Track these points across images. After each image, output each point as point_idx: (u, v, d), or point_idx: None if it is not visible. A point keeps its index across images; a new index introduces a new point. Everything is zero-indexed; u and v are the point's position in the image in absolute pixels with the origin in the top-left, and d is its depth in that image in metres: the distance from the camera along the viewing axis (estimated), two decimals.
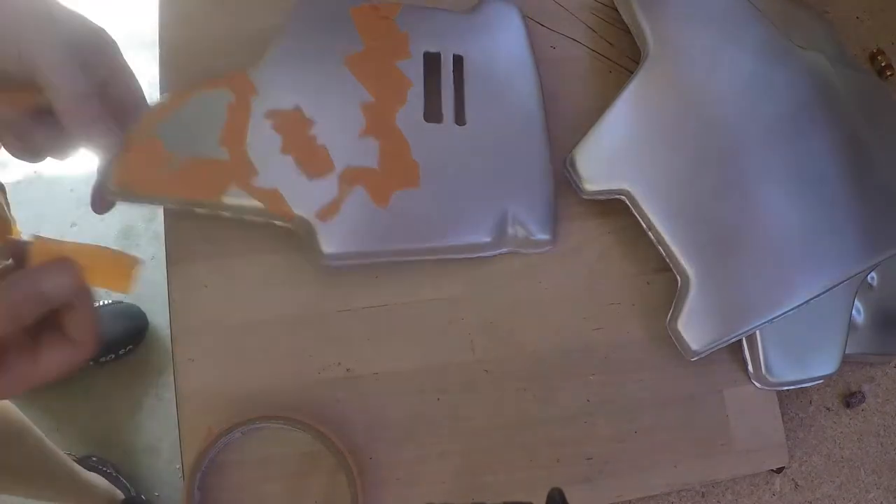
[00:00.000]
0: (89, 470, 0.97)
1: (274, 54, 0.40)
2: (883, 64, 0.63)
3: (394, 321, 0.45)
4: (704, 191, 0.47)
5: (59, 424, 1.08)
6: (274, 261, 0.44)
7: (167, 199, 0.38)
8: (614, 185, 0.47)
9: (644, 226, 0.47)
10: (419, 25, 0.45)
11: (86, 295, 0.30)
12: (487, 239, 0.44)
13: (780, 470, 0.51)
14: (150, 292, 1.15)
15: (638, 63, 0.49)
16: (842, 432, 0.55)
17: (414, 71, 0.44)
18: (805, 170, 0.49)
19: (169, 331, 0.43)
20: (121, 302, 1.12)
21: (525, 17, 0.49)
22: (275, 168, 0.39)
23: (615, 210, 0.48)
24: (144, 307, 1.14)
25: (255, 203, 0.39)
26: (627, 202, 0.47)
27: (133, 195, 0.37)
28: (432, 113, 0.44)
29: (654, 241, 0.47)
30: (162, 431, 1.10)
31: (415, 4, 0.46)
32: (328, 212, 0.40)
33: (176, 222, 0.44)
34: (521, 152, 0.46)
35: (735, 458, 0.48)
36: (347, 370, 0.44)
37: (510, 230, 0.44)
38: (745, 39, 0.51)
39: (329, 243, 0.40)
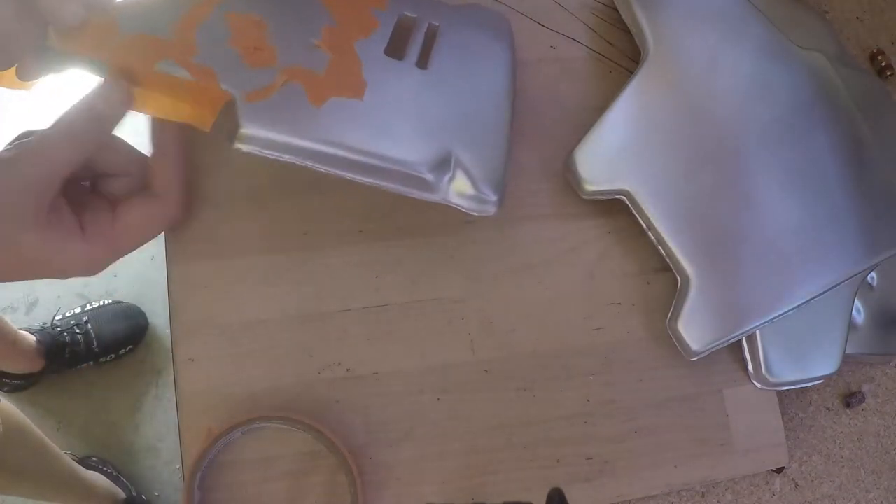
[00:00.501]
0: (90, 469, 0.97)
1: None
2: (883, 64, 0.63)
3: (394, 321, 0.45)
4: (704, 191, 0.47)
5: (60, 424, 1.08)
6: (274, 261, 0.44)
7: (104, 64, 0.36)
8: (614, 185, 0.47)
9: (644, 226, 0.47)
10: None
11: (165, 142, 0.33)
12: (426, 170, 0.39)
13: (780, 470, 0.51)
14: (150, 292, 1.15)
15: (638, 63, 0.49)
16: (842, 432, 0.55)
17: (385, 20, 0.42)
18: (805, 170, 0.49)
19: (169, 331, 0.43)
20: (121, 302, 1.12)
21: (511, 32, 0.48)
22: (217, 54, 0.38)
23: (615, 210, 0.48)
24: (144, 307, 1.14)
25: (185, 74, 0.36)
26: (627, 202, 0.47)
27: (70, 56, 0.35)
28: (395, 50, 0.42)
29: (654, 241, 0.47)
30: (162, 431, 1.10)
31: None
32: (257, 95, 0.38)
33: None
34: (479, 113, 0.43)
35: (735, 458, 0.48)
36: (347, 370, 0.44)
37: (453, 174, 0.40)
38: (745, 39, 0.51)
39: (250, 123, 0.37)
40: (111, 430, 1.09)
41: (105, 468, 1.02)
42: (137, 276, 1.16)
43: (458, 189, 0.41)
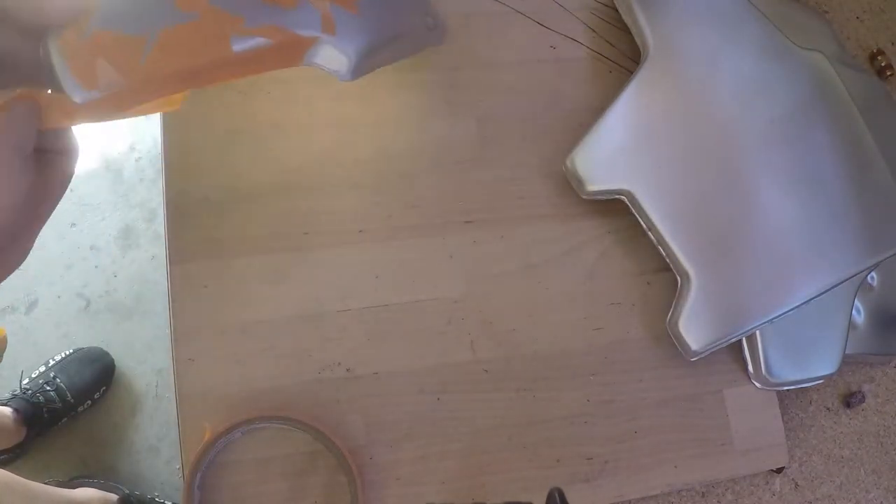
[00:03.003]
0: (78, 487, 0.97)
1: None
2: (883, 64, 0.63)
3: (394, 321, 0.45)
4: (704, 190, 0.47)
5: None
6: (274, 261, 0.44)
7: (164, 86, 0.34)
8: (614, 185, 0.47)
9: (644, 226, 0.47)
10: None
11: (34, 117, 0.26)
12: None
13: (780, 470, 0.51)
14: (149, 292, 1.15)
15: (638, 63, 0.49)
16: (842, 432, 0.55)
17: None
18: (805, 170, 0.49)
19: (170, 328, 0.43)
20: (81, 348, 1.12)
21: None
22: (252, 7, 0.37)
23: (615, 210, 0.48)
24: (144, 307, 1.13)
25: (263, 40, 0.36)
26: (627, 202, 0.47)
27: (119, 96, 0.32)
28: None
29: (655, 241, 0.47)
30: (162, 431, 1.10)
31: None
32: (328, 27, 0.40)
33: (176, 222, 0.44)
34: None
35: (735, 458, 0.48)
36: (347, 370, 0.44)
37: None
38: (746, 39, 0.51)
39: (344, 54, 0.39)
40: (111, 430, 1.09)
41: (92, 480, 1.02)
42: (137, 276, 1.16)
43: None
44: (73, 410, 1.07)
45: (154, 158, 1.22)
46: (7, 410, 1.00)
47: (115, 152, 1.21)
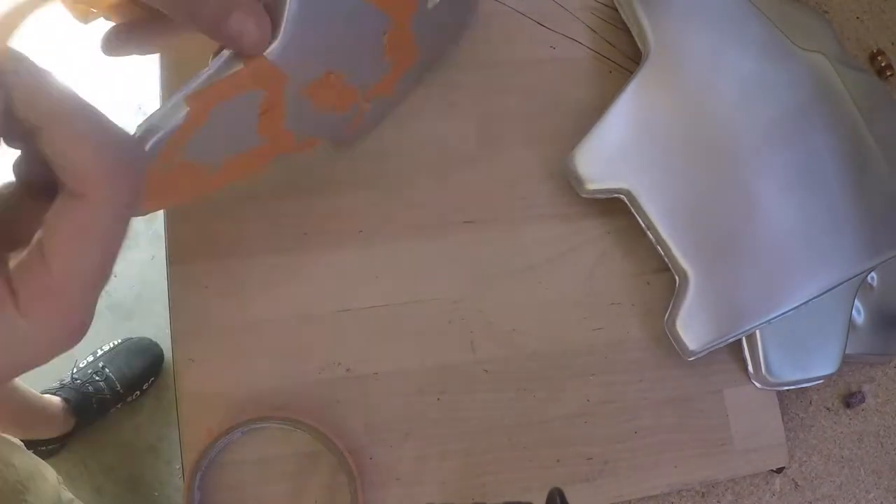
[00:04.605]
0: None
1: (288, 23, 0.32)
2: (883, 64, 0.63)
3: (394, 321, 0.45)
4: (704, 191, 0.47)
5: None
6: (274, 261, 0.44)
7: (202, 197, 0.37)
8: (614, 185, 0.47)
9: (643, 225, 0.47)
10: None
11: (58, 100, 0.19)
12: None
13: (780, 470, 0.51)
14: (149, 292, 1.15)
15: (638, 63, 0.49)
16: (842, 432, 0.55)
17: None
18: (805, 170, 0.49)
19: (170, 329, 0.43)
20: (130, 338, 1.10)
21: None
22: (311, 125, 0.39)
23: (615, 210, 0.48)
24: (144, 307, 1.14)
25: (295, 156, 0.40)
26: (627, 202, 0.47)
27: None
28: None
29: (654, 240, 0.47)
30: (162, 431, 1.10)
31: None
32: (350, 128, 0.43)
33: (176, 223, 0.44)
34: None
35: (735, 458, 0.48)
36: (347, 370, 0.44)
37: None
38: (746, 39, 0.51)
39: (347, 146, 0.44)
40: (111, 429, 1.09)
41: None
42: (137, 276, 1.16)
43: None
44: (122, 401, 1.05)
45: None
46: (56, 400, 0.98)
47: None
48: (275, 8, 0.30)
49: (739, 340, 0.48)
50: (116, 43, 0.31)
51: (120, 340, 1.11)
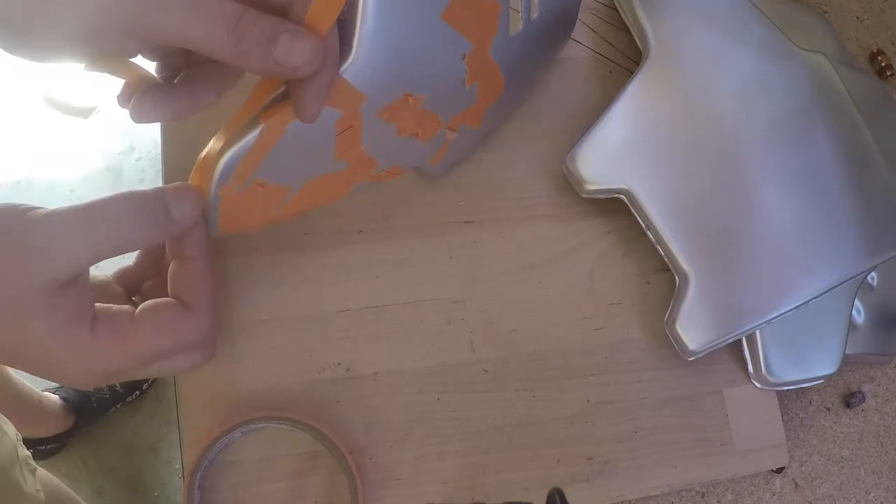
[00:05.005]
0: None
1: (361, 41, 0.31)
2: (883, 64, 0.63)
3: (394, 321, 0.45)
4: (704, 191, 0.47)
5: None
6: (274, 261, 0.44)
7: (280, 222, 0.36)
8: (614, 185, 0.47)
9: (643, 225, 0.47)
10: None
11: (191, 246, 0.29)
12: None
13: (780, 470, 0.51)
14: None
15: (638, 63, 0.49)
16: (842, 432, 0.55)
17: None
18: (805, 170, 0.49)
19: None
20: None
21: None
22: (392, 151, 0.38)
23: (615, 210, 0.48)
24: None
25: (376, 183, 0.40)
26: (627, 201, 0.47)
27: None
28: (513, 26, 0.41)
29: (653, 240, 0.47)
30: (162, 431, 1.10)
31: None
32: (436, 158, 0.43)
33: None
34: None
35: (735, 458, 0.48)
36: (347, 370, 0.44)
37: None
38: (746, 39, 0.51)
39: (435, 172, 0.45)
40: (110, 429, 1.09)
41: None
42: None
43: None
44: (122, 401, 1.05)
45: (154, 158, 1.22)
46: (54, 398, 0.98)
47: (115, 152, 1.21)
48: (347, 26, 0.30)
49: (739, 340, 0.48)
50: (149, 108, 0.30)
51: None
